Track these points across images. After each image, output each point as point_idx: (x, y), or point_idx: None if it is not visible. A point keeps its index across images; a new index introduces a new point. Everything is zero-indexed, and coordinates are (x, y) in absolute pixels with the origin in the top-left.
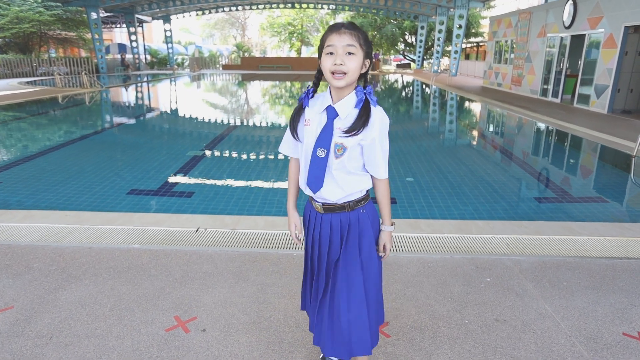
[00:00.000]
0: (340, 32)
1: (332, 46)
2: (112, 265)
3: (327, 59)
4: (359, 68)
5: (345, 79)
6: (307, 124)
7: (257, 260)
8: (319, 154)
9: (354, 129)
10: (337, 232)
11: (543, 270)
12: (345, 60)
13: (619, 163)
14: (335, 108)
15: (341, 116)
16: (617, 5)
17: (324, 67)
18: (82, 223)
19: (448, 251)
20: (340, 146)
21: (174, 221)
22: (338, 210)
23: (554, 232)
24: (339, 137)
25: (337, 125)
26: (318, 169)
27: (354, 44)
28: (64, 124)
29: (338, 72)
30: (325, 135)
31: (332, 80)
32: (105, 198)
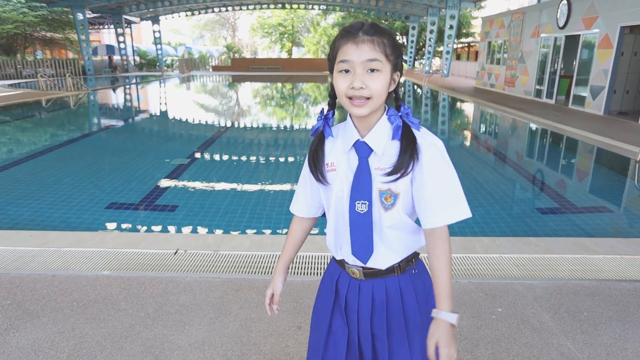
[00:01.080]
0: (357, 41)
1: (348, 62)
2: (77, 297)
3: (342, 79)
4: (387, 87)
5: (369, 106)
6: (332, 169)
7: (241, 288)
8: (359, 208)
9: (400, 169)
10: (382, 306)
11: (559, 297)
12: (367, 80)
13: (623, 169)
14: (367, 143)
15: (377, 151)
16: (612, 6)
17: (337, 89)
18: (49, 245)
19: (453, 274)
20: (388, 193)
21: (151, 242)
22: (383, 276)
23: (566, 249)
24: (383, 183)
25: (374, 166)
26: (363, 229)
27: (378, 57)
28: (43, 129)
29: (358, 97)
30: (362, 182)
31: (351, 108)
32: (82, 213)
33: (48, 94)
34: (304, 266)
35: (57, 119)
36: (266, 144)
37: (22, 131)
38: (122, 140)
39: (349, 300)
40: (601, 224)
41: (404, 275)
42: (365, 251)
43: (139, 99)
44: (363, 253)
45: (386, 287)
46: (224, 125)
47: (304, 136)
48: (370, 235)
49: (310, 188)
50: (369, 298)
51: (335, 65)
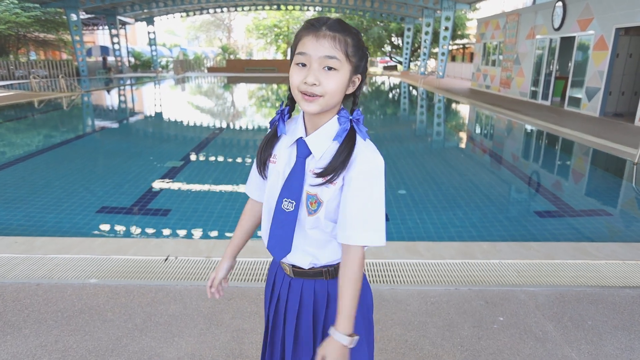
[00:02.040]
0: (318, 35)
1: (305, 55)
2: (62, 307)
3: (297, 72)
4: (343, 88)
5: (319, 103)
6: (273, 161)
7: (233, 297)
8: (286, 206)
9: (328, 172)
10: (309, 307)
11: (562, 305)
12: (321, 77)
13: (620, 171)
14: (307, 142)
15: (315, 154)
16: (607, 7)
17: (291, 81)
18: (34, 251)
19: (452, 282)
20: (314, 198)
21: (141, 248)
22: (312, 277)
23: (567, 255)
24: (311, 186)
25: (310, 167)
26: (283, 226)
27: (337, 56)
28: (34, 131)
29: (309, 93)
30: (294, 181)
31: (302, 102)
32: (72, 218)
33: (40, 95)
34: None
35: (49, 120)
36: None
37: (12, 133)
38: (115, 142)
39: (281, 296)
40: (600, 228)
41: (333, 281)
42: (280, 248)
43: (133, 100)
44: (278, 249)
45: (315, 290)
46: (218, 127)
47: None
48: (290, 234)
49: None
50: (297, 297)
51: (294, 55)
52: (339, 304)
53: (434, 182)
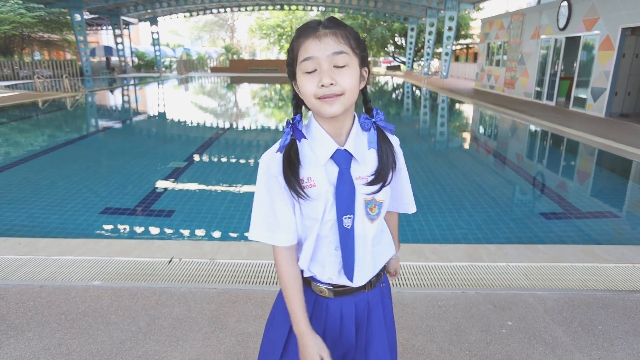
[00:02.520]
0: (319, 35)
1: (312, 59)
2: (65, 310)
3: (307, 80)
4: (358, 83)
5: (342, 102)
6: (311, 185)
7: (238, 300)
8: (346, 224)
9: (382, 178)
10: (351, 323)
11: (571, 309)
12: (336, 76)
13: (627, 172)
14: (349, 150)
15: (359, 160)
16: (613, 7)
17: (304, 91)
18: (38, 253)
19: (459, 285)
20: (372, 203)
21: (144, 250)
22: (354, 292)
23: (575, 258)
24: (366, 193)
25: (355, 175)
26: (350, 246)
27: (345, 50)
28: (38, 131)
29: (329, 95)
30: (346, 195)
31: (323, 107)
32: (76, 219)
33: (44, 95)
34: None
35: (53, 120)
36: (265, 146)
37: (16, 133)
38: (118, 142)
39: (312, 321)
40: (608, 230)
41: (373, 291)
42: (351, 269)
43: (136, 100)
44: (351, 271)
45: (355, 304)
46: (222, 127)
47: None
48: (353, 251)
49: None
50: (338, 317)
51: (297, 66)
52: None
53: (438, 184)
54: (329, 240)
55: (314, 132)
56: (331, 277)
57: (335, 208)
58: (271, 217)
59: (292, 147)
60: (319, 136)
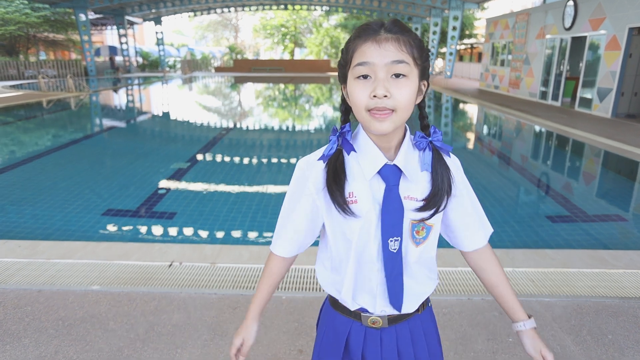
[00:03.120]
0: (379, 39)
1: (368, 64)
2: (63, 315)
3: (360, 87)
4: (414, 98)
5: (393, 120)
6: (353, 200)
7: (238, 306)
8: (393, 247)
9: (436, 205)
10: (409, 349)
11: (580, 317)
12: (391, 87)
13: (635, 174)
14: (399, 166)
15: (409, 178)
16: (620, 6)
17: (355, 99)
18: (37, 256)
19: (465, 291)
20: (420, 226)
21: (144, 253)
22: (406, 318)
23: (583, 263)
24: (414, 213)
25: (404, 194)
26: (397, 272)
27: (406, 59)
28: (42, 131)
29: (381, 109)
30: (393, 214)
31: (372, 123)
32: (78, 220)
33: (49, 95)
34: (306, 280)
35: (57, 120)
36: (269, 147)
37: (20, 133)
38: (122, 142)
39: (367, 357)
40: (616, 234)
41: (424, 313)
42: (400, 297)
43: (140, 100)
44: (398, 299)
45: (410, 330)
46: (225, 128)
47: (307, 138)
48: (401, 277)
49: (305, 221)
50: (394, 347)
51: (350, 70)
52: (507, 300)
53: None
54: (375, 267)
55: (360, 143)
56: (384, 310)
57: (380, 229)
58: (286, 227)
59: (339, 159)
60: (366, 148)
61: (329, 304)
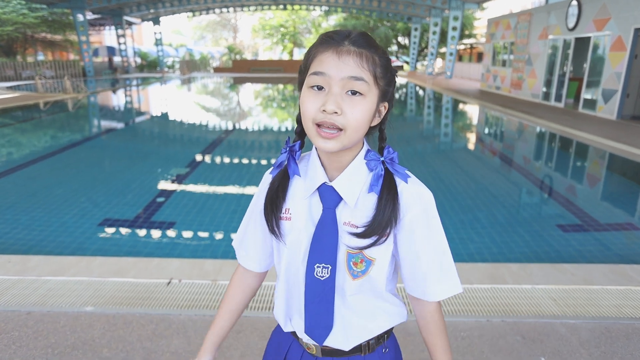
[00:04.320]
0: (341, 51)
1: (323, 75)
2: (53, 342)
3: (312, 97)
4: (369, 119)
5: (340, 140)
6: (286, 217)
7: (242, 330)
8: (319, 273)
9: (375, 232)
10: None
11: (609, 342)
12: (344, 104)
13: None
14: (336, 188)
15: (348, 203)
16: (625, 6)
17: (304, 109)
18: (27, 273)
19: (483, 312)
20: (359, 257)
21: (142, 269)
22: (347, 355)
23: (606, 279)
24: (353, 241)
25: (343, 219)
26: (322, 301)
27: (364, 77)
28: (38, 134)
29: (328, 125)
30: (325, 239)
31: (317, 139)
32: (73, 231)
33: (46, 96)
34: None
35: (54, 123)
36: (272, 151)
37: (15, 137)
38: (120, 146)
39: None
40: (632, 245)
41: (372, 355)
42: (322, 329)
43: (139, 101)
44: (319, 331)
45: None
46: (225, 130)
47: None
48: (330, 309)
49: (262, 234)
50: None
51: (306, 77)
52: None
53: (448, 192)
54: (301, 291)
55: (310, 158)
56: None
57: (308, 252)
58: (247, 235)
59: (282, 181)
60: (312, 164)
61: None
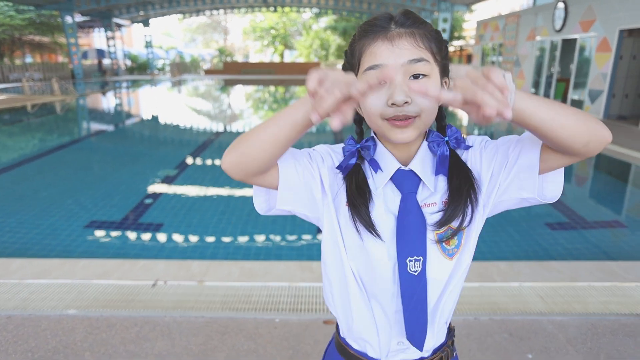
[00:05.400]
0: (391, 36)
1: (381, 67)
2: (33, 346)
3: (373, 95)
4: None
5: (417, 126)
6: None
7: (227, 331)
8: (412, 268)
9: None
10: None
11: (596, 338)
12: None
13: (631, 177)
14: (415, 171)
15: (427, 184)
16: (610, 8)
17: (367, 108)
18: (9, 276)
19: (471, 310)
20: (448, 233)
21: (127, 271)
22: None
23: (592, 276)
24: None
25: (423, 202)
26: (419, 299)
27: (425, 57)
28: (25, 137)
29: (401, 117)
30: (413, 228)
31: (393, 132)
32: (59, 234)
33: (33, 99)
34: (300, 300)
35: (41, 126)
36: None
37: (1, 139)
38: (108, 148)
39: None
40: (619, 243)
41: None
42: (422, 330)
43: (128, 103)
44: (419, 334)
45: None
46: (215, 132)
47: (301, 141)
48: (425, 308)
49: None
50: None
51: (358, 76)
52: None
53: None
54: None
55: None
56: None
57: (395, 246)
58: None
59: (360, 173)
60: (377, 155)
61: (334, 346)
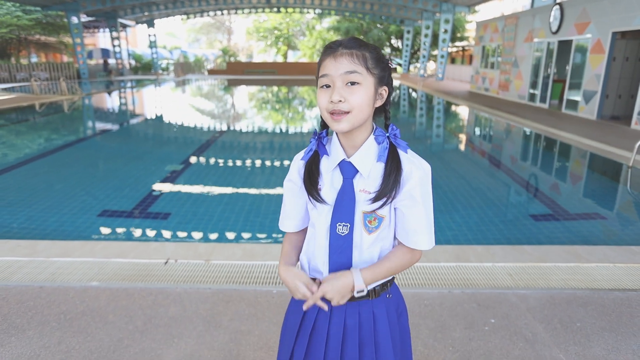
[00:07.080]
0: (336, 55)
1: (327, 76)
2: (64, 309)
3: (322, 94)
4: (369, 101)
5: (349, 120)
6: (320, 188)
7: (231, 300)
8: (340, 230)
9: (384, 194)
10: (354, 333)
11: (552, 307)
12: (345, 93)
13: (616, 174)
14: (353, 163)
15: (363, 174)
16: (604, 11)
17: (319, 104)
18: (37, 255)
19: (446, 285)
20: (372, 216)
21: (141, 251)
22: (357, 299)
23: (559, 258)
24: (367, 204)
25: (359, 187)
26: (343, 251)
27: (357, 70)
28: (36, 134)
29: (337, 112)
30: (345, 203)
31: (332, 123)
32: (74, 221)
33: (41, 98)
34: None
35: (50, 123)
36: (261, 149)
37: (13, 136)
38: (116, 145)
39: (317, 326)
40: (594, 231)
41: (378, 300)
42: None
43: (133, 103)
44: None
45: (359, 312)
46: (218, 130)
47: (299, 140)
48: (349, 258)
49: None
50: (341, 324)
51: (318, 81)
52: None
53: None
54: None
55: (332, 141)
56: None
57: (331, 214)
58: (287, 207)
59: (314, 161)
60: (334, 145)
61: None
